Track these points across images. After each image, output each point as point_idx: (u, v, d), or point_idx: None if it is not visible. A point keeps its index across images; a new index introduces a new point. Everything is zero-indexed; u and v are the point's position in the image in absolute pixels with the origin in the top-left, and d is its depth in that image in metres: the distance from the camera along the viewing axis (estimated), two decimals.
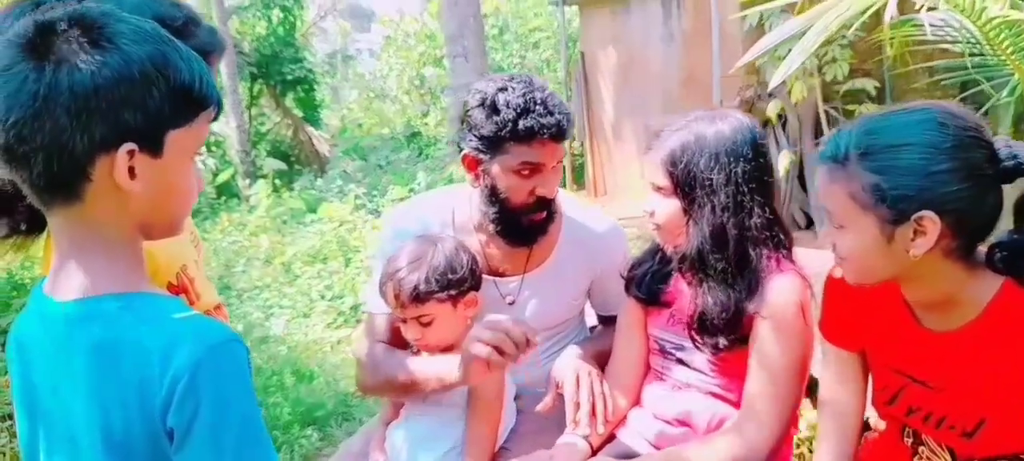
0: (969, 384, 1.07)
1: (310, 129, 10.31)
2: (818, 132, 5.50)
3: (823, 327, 1.26)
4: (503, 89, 1.38)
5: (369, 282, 1.60)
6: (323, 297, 4.25)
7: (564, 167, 1.48)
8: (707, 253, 1.29)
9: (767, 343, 1.27)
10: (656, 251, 1.44)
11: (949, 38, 3.42)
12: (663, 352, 1.44)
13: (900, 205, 0.98)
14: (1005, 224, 1.06)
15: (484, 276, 1.50)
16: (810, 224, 5.29)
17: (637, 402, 1.48)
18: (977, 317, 1.05)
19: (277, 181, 7.77)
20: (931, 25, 3.36)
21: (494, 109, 1.37)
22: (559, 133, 1.38)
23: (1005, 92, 3.31)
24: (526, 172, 1.40)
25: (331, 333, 3.93)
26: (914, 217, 0.98)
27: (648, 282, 1.44)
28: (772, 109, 5.31)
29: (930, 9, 3.06)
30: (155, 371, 0.73)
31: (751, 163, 1.28)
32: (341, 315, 4.12)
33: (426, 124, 10.59)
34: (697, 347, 1.35)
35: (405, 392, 1.47)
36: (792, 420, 1.33)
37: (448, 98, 8.42)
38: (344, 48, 14.08)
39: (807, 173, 5.29)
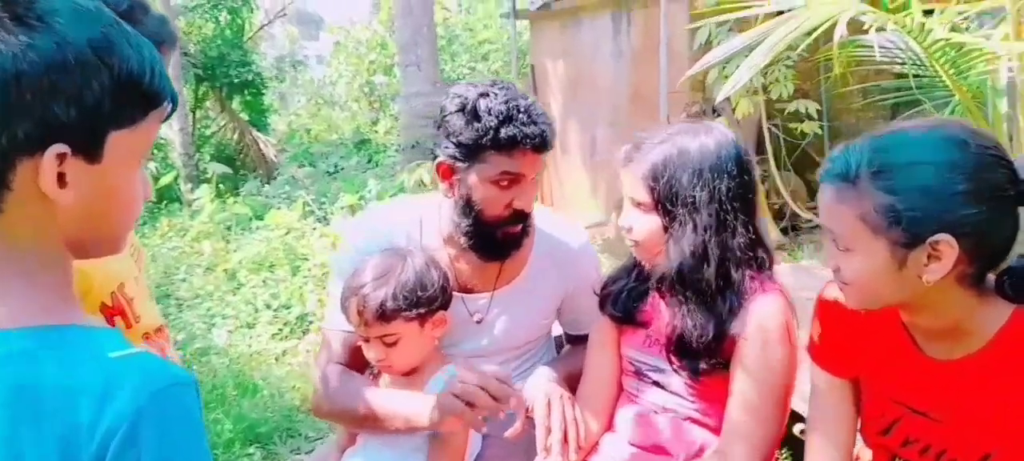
0: (974, 416, 1.01)
1: (257, 133, 10.09)
2: (760, 150, 5.66)
3: (814, 352, 1.19)
4: (484, 95, 1.33)
5: (328, 297, 1.53)
6: (269, 307, 4.14)
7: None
8: (688, 272, 1.24)
9: (750, 366, 1.23)
10: (632, 268, 1.39)
11: (896, 60, 3.55)
12: (638, 374, 1.39)
13: (915, 228, 0.91)
14: (1015, 249, 0.99)
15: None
16: None
17: (609, 426, 1.43)
18: (984, 346, 0.99)
19: (221, 186, 7.58)
20: (878, 46, 3.49)
21: (475, 115, 1.31)
22: (542, 144, 1.33)
23: (947, 111, 3.46)
24: (505, 183, 1.34)
25: (277, 344, 3.82)
26: (929, 241, 0.91)
27: (624, 300, 1.38)
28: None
29: (879, 30, 3.18)
30: (83, 421, 0.60)
31: (735, 180, 1.24)
32: (287, 326, 4.02)
33: (375, 132, 10.49)
34: (675, 370, 1.30)
35: (364, 425, 1.41)
36: (776, 446, 1.28)
37: (399, 106, 8.36)
38: (292, 54, 13.85)
39: None
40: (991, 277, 0.99)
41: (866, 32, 3.73)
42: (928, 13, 3.26)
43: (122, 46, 0.64)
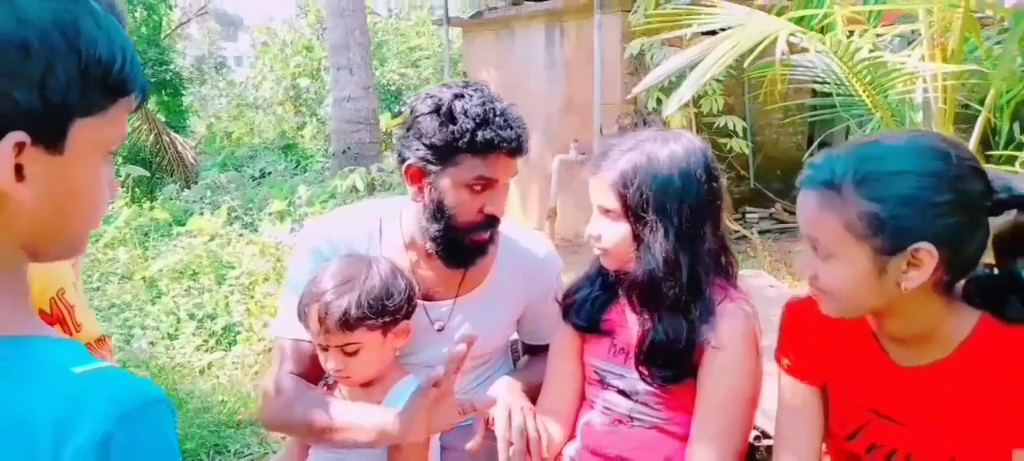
0: (941, 420, 1.03)
1: (174, 135, 9.65)
2: None
3: (782, 360, 1.19)
4: (459, 97, 1.28)
5: (281, 304, 1.46)
6: (193, 317, 3.94)
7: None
8: (659, 280, 1.22)
9: (719, 374, 1.22)
10: (596, 277, 1.37)
11: (817, 79, 3.72)
12: (602, 383, 1.36)
13: (898, 236, 0.93)
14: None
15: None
16: None
17: (572, 436, 1.40)
18: (952, 352, 1.01)
19: (137, 190, 7.20)
20: (803, 65, 3.64)
21: (450, 117, 1.27)
22: (517, 148, 1.29)
23: (869, 128, 3.63)
24: (478, 187, 1.30)
25: (202, 356, 3.65)
26: (910, 248, 0.93)
27: (588, 309, 1.36)
28: None
29: (803, 51, 3.31)
30: (43, 449, 0.53)
31: (705, 186, 1.23)
32: (213, 336, 3.84)
33: (301, 137, 10.22)
34: (643, 379, 1.28)
35: (321, 437, 1.33)
36: (743, 455, 1.27)
37: (329, 110, 8.18)
38: (212, 54, 13.36)
39: None
40: (959, 286, 1.01)
41: (793, 52, 3.90)
42: (849, 35, 3.44)
43: (90, 27, 0.58)
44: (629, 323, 1.33)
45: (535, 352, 1.64)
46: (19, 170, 0.56)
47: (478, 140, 1.26)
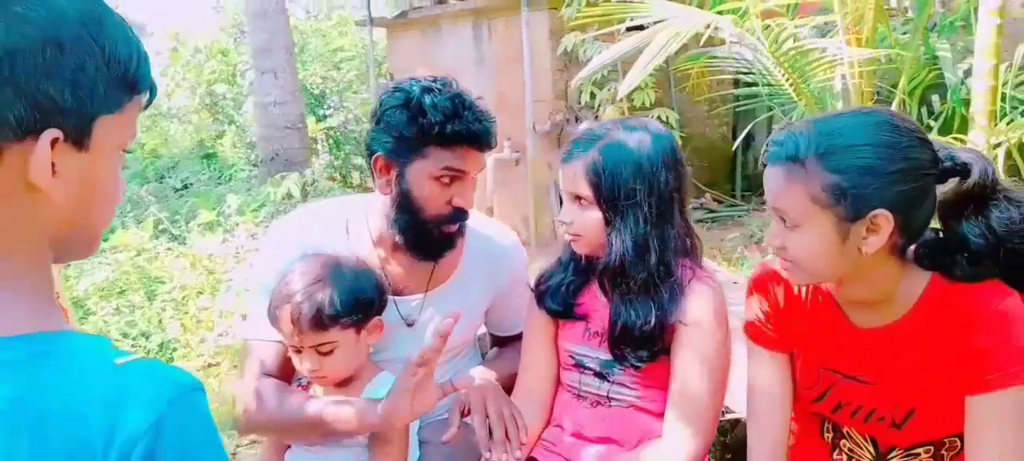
0: (900, 377, 1.12)
1: None
2: None
3: (751, 331, 1.26)
4: (429, 90, 1.30)
5: (250, 306, 1.45)
6: (126, 336, 3.78)
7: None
8: (630, 264, 1.27)
9: (691, 348, 1.28)
10: (569, 262, 1.41)
11: (741, 70, 3.88)
12: (579, 367, 1.40)
13: (858, 204, 1.00)
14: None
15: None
16: None
17: (548, 420, 1.44)
18: (907, 313, 1.10)
19: None
20: (727, 57, 3.80)
21: (420, 110, 1.28)
22: (486, 141, 1.33)
23: (795, 115, 3.82)
24: (447, 179, 1.32)
25: None
26: (870, 215, 1.01)
27: (562, 295, 1.39)
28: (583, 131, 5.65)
29: (732, 43, 3.46)
30: (94, 440, 0.54)
31: (672, 172, 1.29)
32: (148, 354, 3.69)
33: (221, 145, 9.87)
34: (618, 360, 1.33)
35: (304, 435, 1.34)
36: (716, 425, 1.33)
37: (254, 116, 7.94)
38: None
39: None
40: (911, 251, 1.11)
41: (719, 44, 4.06)
42: (766, 27, 3.61)
43: (111, 25, 0.61)
44: (601, 307, 1.37)
45: (503, 344, 1.67)
46: (52, 167, 0.58)
47: (447, 132, 1.28)
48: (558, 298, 1.40)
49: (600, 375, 1.38)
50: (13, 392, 0.54)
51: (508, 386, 1.48)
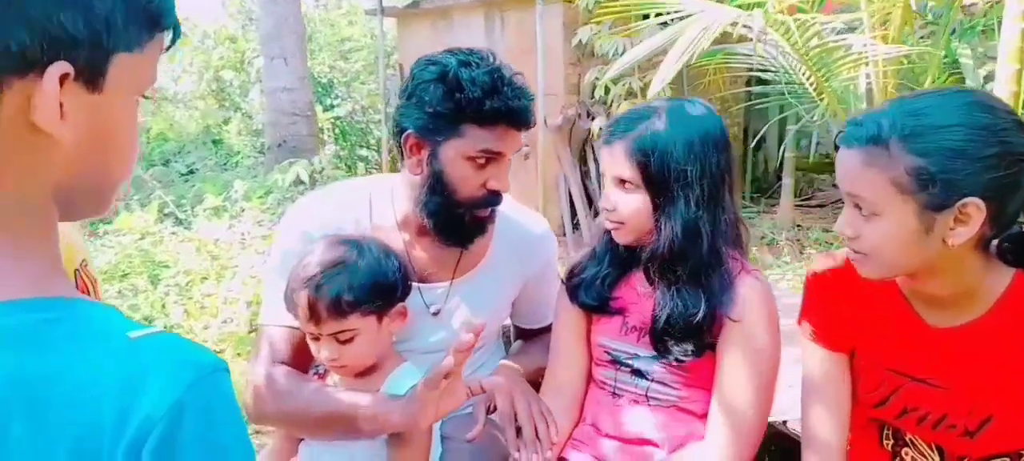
0: (976, 381, 1.03)
1: None
2: None
3: (807, 326, 1.18)
4: (466, 64, 1.21)
5: (266, 290, 1.36)
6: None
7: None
8: (680, 252, 1.19)
9: (739, 349, 1.20)
10: (605, 253, 1.33)
11: (759, 66, 3.80)
12: (615, 363, 1.32)
13: (946, 190, 0.92)
14: None
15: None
16: None
17: (579, 419, 1.37)
18: (987, 311, 1.02)
19: None
20: (751, 54, 3.72)
21: (457, 85, 1.20)
22: (525, 120, 1.24)
23: (816, 115, 3.74)
24: (482, 161, 1.24)
25: None
26: (958, 204, 0.92)
27: (598, 288, 1.32)
28: (596, 126, 5.58)
29: (759, 39, 3.38)
30: (103, 424, 0.48)
31: (723, 154, 1.21)
32: None
33: (227, 132, 9.80)
34: (661, 354, 1.25)
35: (317, 430, 1.26)
36: (763, 431, 1.26)
37: (263, 102, 7.87)
38: None
39: None
40: (993, 244, 1.02)
41: (738, 41, 3.98)
42: (797, 25, 3.54)
43: None
44: (641, 299, 1.30)
45: (527, 336, 1.59)
46: (59, 108, 0.50)
47: (486, 110, 1.20)
48: (593, 292, 1.32)
49: (638, 372, 1.30)
50: (12, 367, 0.47)
51: (535, 382, 1.40)
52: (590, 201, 5.80)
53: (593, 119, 5.74)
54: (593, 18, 4.86)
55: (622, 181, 1.23)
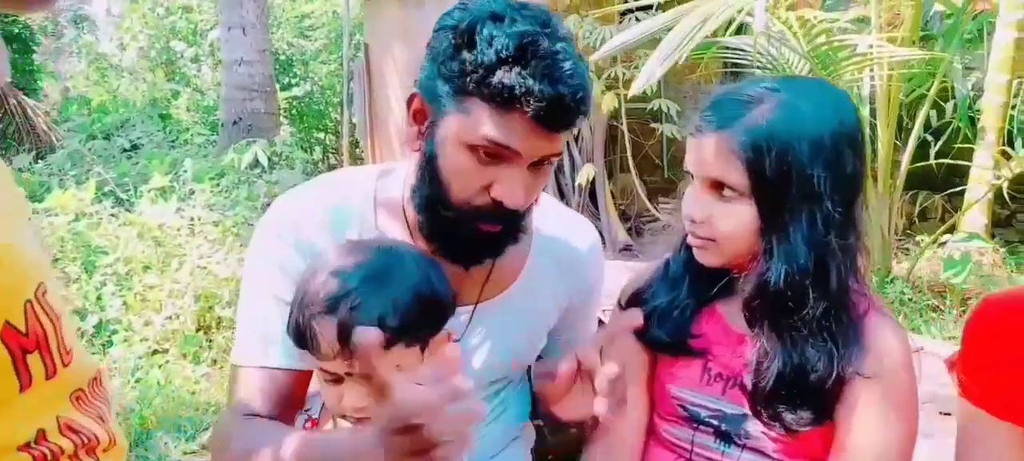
0: None
1: (24, 98, 8.43)
2: (609, 148, 5.64)
3: (971, 388, 0.91)
4: (498, 17, 0.87)
5: (243, 316, 1.04)
6: None
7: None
8: (800, 288, 0.90)
9: (875, 413, 0.92)
10: (681, 276, 1.03)
11: (759, 62, 3.59)
12: (692, 421, 1.03)
13: None
14: None
15: None
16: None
17: None
18: None
19: None
20: (748, 48, 3.51)
21: (469, 40, 0.87)
22: (560, 117, 0.88)
23: None
24: (484, 154, 0.90)
25: None
26: None
27: (676, 320, 1.02)
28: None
29: (760, 32, 3.16)
30: None
31: (859, 156, 0.92)
32: (84, 337, 3.23)
33: (176, 107, 9.22)
34: (769, 421, 0.96)
35: None
36: None
37: (208, 78, 7.39)
38: (70, 6, 11.90)
39: (598, 189, 5.37)
40: None
41: (735, 35, 3.78)
42: (802, 22, 3.35)
43: None
44: (729, 339, 1.01)
45: None
46: None
47: (493, 84, 0.86)
48: (668, 325, 1.03)
49: (724, 435, 1.02)
50: None
51: (574, 437, 1.12)
52: (561, 194, 5.54)
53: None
54: (568, 5, 4.60)
55: (719, 186, 0.93)
